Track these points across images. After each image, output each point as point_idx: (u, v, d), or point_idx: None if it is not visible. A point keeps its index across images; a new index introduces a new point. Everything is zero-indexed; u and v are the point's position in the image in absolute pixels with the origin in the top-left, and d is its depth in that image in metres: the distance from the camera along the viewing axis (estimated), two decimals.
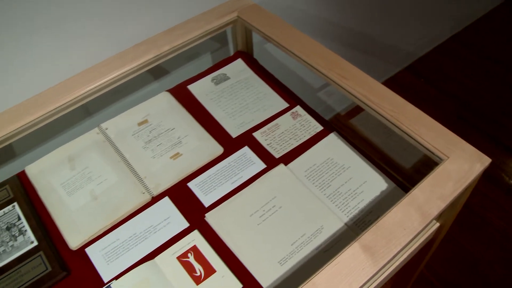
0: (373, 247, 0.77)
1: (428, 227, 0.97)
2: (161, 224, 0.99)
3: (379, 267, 0.75)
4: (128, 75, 1.14)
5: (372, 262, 0.75)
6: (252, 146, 1.11)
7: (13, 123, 1.03)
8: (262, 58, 1.34)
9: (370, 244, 0.77)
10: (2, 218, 1.03)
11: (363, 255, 0.76)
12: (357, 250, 0.77)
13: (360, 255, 0.76)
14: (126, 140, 1.13)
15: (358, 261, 0.75)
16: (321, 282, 0.74)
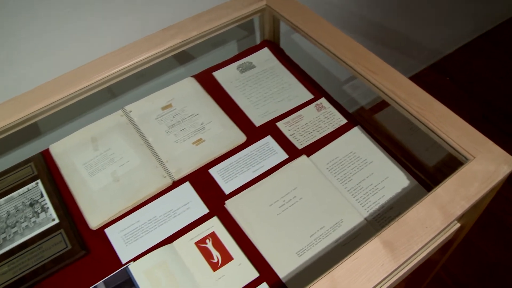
0: (393, 243, 0.76)
1: (449, 227, 0.96)
2: (180, 209, 0.99)
3: (399, 264, 0.74)
4: (154, 59, 1.14)
5: (392, 258, 0.75)
6: (275, 136, 1.11)
7: (40, 102, 1.04)
8: (289, 48, 1.33)
9: (391, 240, 0.76)
10: (26, 194, 1.04)
11: (383, 250, 0.75)
12: (377, 246, 0.76)
13: (380, 251, 0.75)
14: (150, 124, 1.13)
15: (378, 256, 0.75)
16: (339, 275, 0.73)
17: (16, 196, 1.04)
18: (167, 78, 1.36)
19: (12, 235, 0.98)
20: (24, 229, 0.99)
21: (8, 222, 1.00)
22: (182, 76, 1.26)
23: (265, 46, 1.32)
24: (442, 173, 1.96)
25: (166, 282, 0.89)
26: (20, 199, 1.03)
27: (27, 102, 1.04)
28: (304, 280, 0.89)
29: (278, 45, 1.34)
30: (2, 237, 0.98)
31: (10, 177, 1.07)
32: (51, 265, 0.94)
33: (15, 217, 1.01)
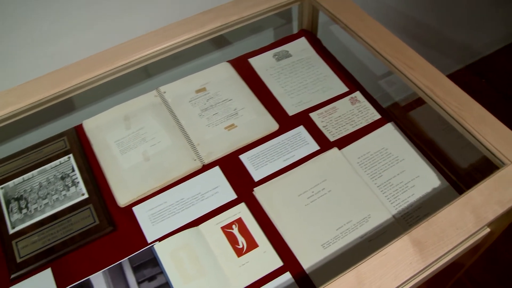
0: (423, 243, 0.75)
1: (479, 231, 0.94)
2: (209, 193, 1.00)
3: (427, 264, 0.73)
4: (192, 41, 1.14)
5: (420, 257, 0.74)
6: (308, 126, 1.10)
7: (77, 77, 1.05)
8: (326, 39, 1.31)
9: (420, 239, 0.75)
10: (58, 168, 1.05)
11: (412, 249, 0.74)
12: (406, 243, 0.75)
13: (409, 249, 0.74)
14: (183, 106, 1.14)
15: (406, 254, 0.74)
16: (366, 270, 0.72)
17: (49, 168, 1.06)
18: (202, 62, 1.36)
19: (43, 206, 1.00)
20: (55, 201, 1.01)
21: (39, 193, 1.02)
22: (217, 60, 1.26)
23: (302, 35, 1.30)
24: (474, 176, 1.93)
25: (190, 264, 0.90)
26: (52, 172, 1.05)
27: (64, 77, 1.05)
28: (327, 273, 0.89)
29: (315, 35, 1.33)
30: (33, 207, 1.00)
31: (43, 149, 1.09)
32: (79, 238, 0.95)
33: (46, 189, 1.02)
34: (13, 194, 1.03)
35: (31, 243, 0.95)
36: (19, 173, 1.06)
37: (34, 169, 1.06)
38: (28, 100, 1.02)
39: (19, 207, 1.01)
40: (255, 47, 1.29)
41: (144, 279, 0.90)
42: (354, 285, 0.71)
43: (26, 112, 1.04)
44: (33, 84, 1.04)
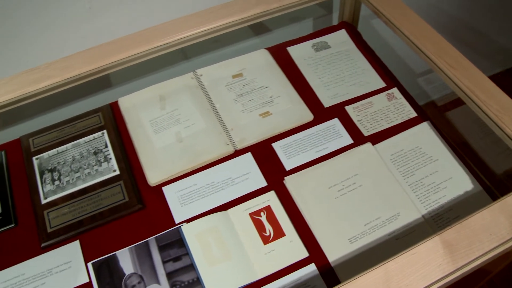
0: (454, 245, 0.74)
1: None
2: (239, 178, 1.00)
3: (457, 267, 0.72)
4: (232, 26, 1.13)
5: (450, 260, 0.72)
6: (342, 119, 1.09)
7: (116, 54, 1.06)
8: (366, 32, 1.29)
9: (452, 241, 0.74)
10: (91, 143, 1.07)
11: (443, 250, 0.73)
12: (437, 244, 0.74)
13: (439, 250, 0.73)
14: (219, 90, 1.14)
15: (436, 255, 0.73)
16: (394, 268, 0.72)
17: (83, 143, 1.07)
18: (240, 47, 1.35)
19: (75, 179, 1.02)
20: (86, 175, 1.02)
21: (72, 166, 1.03)
22: (255, 47, 1.25)
23: (342, 27, 1.29)
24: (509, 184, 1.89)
25: (216, 247, 0.90)
26: (85, 146, 1.06)
27: (104, 54, 1.06)
28: (353, 268, 0.89)
29: (355, 28, 1.31)
30: (65, 180, 1.01)
31: (78, 123, 1.10)
32: (107, 213, 0.96)
33: (79, 162, 1.04)
34: (47, 165, 1.04)
35: (62, 215, 0.97)
36: (54, 145, 1.07)
37: (68, 143, 1.07)
38: (67, 74, 1.03)
39: (52, 178, 1.02)
40: (293, 36, 1.28)
41: (169, 259, 0.91)
42: (382, 281, 0.70)
43: (64, 86, 1.05)
44: (73, 59, 1.05)
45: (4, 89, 1.01)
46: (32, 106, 1.08)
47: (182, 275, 0.89)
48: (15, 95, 1.01)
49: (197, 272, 0.88)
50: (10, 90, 1.01)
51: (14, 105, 1.04)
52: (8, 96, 1.01)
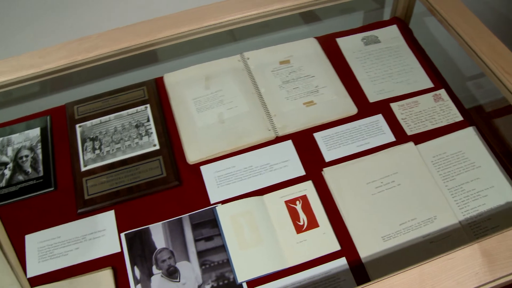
0: (493, 255, 0.72)
1: None
2: (278, 165, 1.00)
3: (494, 278, 0.70)
4: (283, 12, 1.12)
5: (488, 269, 0.71)
6: (386, 116, 1.07)
7: (164, 30, 1.06)
8: (418, 30, 1.27)
9: (491, 251, 0.73)
10: (134, 116, 1.08)
11: (481, 259, 0.72)
12: (475, 252, 0.72)
13: (477, 258, 0.72)
14: (265, 75, 1.13)
15: (473, 263, 0.71)
16: (429, 271, 0.71)
17: (125, 115, 1.08)
18: (289, 34, 1.34)
19: (115, 150, 1.03)
20: (127, 147, 1.03)
21: (113, 137, 1.05)
22: (304, 35, 1.24)
23: (394, 23, 1.27)
24: None
25: (249, 231, 0.91)
26: (128, 118, 1.08)
27: (153, 29, 1.06)
28: (383, 266, 0.88)
29: (407, 24, 1.29)
30: (106, 150, 1.03)
31: (122, 96, 1.12)
32: (144, 187, 0.98)
33: (120, 134, 1.05)
34: (89, 134, 1.06)
35: (100, 183, 0.99)
36: (97, 115, 1.09)
37: (111, 113, 1.09)
38: (117, 46, 1.04)
39: (93, 147, 1.04)
40: (342, 27, 1.26)
41: (201, 237, 0.91)
42: (416, 283, 0.69)
43: (113, 57, 1.06)
44: (124, 31, 1.06)
45: (55, 56, 1.03)
46: (79, 75, 1.10)
47: (212, 255, 0.89)
48: (65, 62, 1.03)
49: (228, 254, 0.89)
50: (60, 57, 1.03)
51: (63, 72, 1.05)
52: (58, 63, 1.03)
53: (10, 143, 1.07)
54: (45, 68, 1.03)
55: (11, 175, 1.03)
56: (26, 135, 1.08)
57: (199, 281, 0.87)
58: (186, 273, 0.88)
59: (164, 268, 0.89)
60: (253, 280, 0.87)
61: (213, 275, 0.88)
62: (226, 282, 0.87)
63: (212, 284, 0.87)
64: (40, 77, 1.05)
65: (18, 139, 1.08)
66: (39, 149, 1.06)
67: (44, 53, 1.03)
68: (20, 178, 1.02)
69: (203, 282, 0.87)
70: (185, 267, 0.89)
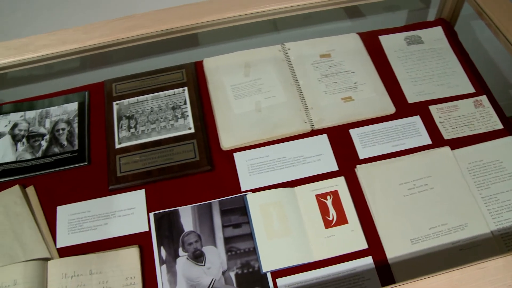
0: None
1: None
2: (311, 158, 0.99)
3: None
4: (326, 5, 1.11)
5: None
6: (424, 118, 1.06)
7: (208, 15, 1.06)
8: (463, 33, 1.24)
9: None
10: (171, 97, 1.08)
11: None
12: (509, 264, 0.71)
13: (510, 270, 0.70)
14: (304, 67, 1.13)
15: (506, 275, 0.70)
16: (459, 278, 0.70)
17: (162, 96, 1.09)
18: (331, 28, 1.33)
19: (150, 130, 1.04)
20: (162, 128, 1.04)
21: (149, 117, 1.05)
22: (346, 30, 1.23)
23: (439, 24, 1.24)
24: None
25: (278, 222, 0.90)
26: (165, 100, 1.08)
27: (197, 12, 1.07)
28: (410, 269, 0.87)
29: (452, 26, 1.26)
30: (141, 129, 1.04)
31: (161, 77, 1.12)
32: (176, 169, 0.98)
33: (156, 114, 1.06)
34: (126, 112, 1.07)
35: (132, 162, 1.00)
36: (135, 94, 1.10)
37: (149, 94, 1.10)
38: (160, 27, 1.05)
39: (128, 125, 1.05)
40: (385, 25, 1.24)
41: (229, 224, 0.92)
42: None
43: (154, 38, 1.07)
44: (168, 13, 1.06)
45: (99, 32, 1.04)
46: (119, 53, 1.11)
47: (239, 243, 0.90)
48: (108, 40, 1.04)
49: (255, 242, 0.89)
50: (104, 34, 1.04)
51: (105, 49, 1.07)
52: (101, 40, 1.04)
53: (48, 115, 1.09)
54: (88, 44, 1.04)
55: (47, 147, 1.04)
56: (64, 109, 1.10)
57: (224, 267, 0.88)
58: (211, 257, 0.89)
59: (190, 251, 0.90)
60: (278, 271, 0.87)
61: (238, 262, 0.88)
62: (251, 271, 0.87)
63: (237, 271, 0.87)
64: (82, 52, 1.06)
65: (56, 112, 1.09)
66: (75, 123, 1.07)
67: (88, 29, 1.05)
68: (56, 150, 1.04)
69: (227, 269, 0.88)
70: (211, 251, 0.89)
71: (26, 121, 1.08)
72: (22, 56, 1.03)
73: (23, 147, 1.05)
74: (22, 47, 1.03)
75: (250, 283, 0.86)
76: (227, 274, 0.87)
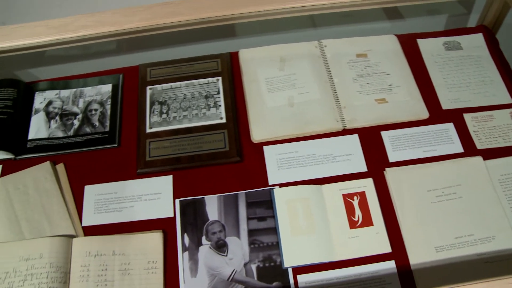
0: None
1: None
2: (341, 157, 0.99)
3: None
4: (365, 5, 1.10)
5: None
6: (458, 126, 1.04)
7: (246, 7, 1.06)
8: (505, 41, 1.22)
9: None
10: (204, 86, 1.09)
11: None
12: None
13: None
14: (340, 65, 1.12)
15: None
16: None
17: (196, 84, 1.09)
18: (369, 28, 1.32)
19: (182, 117, 1.04)
20: (193, 116, 1.04)
21: (182, 104, 1.06)
22: (383, 31, 1.21)
23: (480, 31, 1.22)
24: None
25: (303, 218, 0.90)
26: (198, 88, 1.09)
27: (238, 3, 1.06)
28: (432, 277, 0.86)
29: (494, 34, 1.24)
30: (173, 115, 1.04)
31: (196, 65, 1.13)
32: (205, 157, 0.99)
33: (189, 102, 1.06)
34: (159, 97, 1.08)
35: (162, 147, 1.00)
36: (169, 80, 1.10)
37: (182, 81, 1.10)
38: (198, 15, 1.05)
39: (160, 111, 1.05)
40: (423, 28, 1.22)
41: (254, 217, 0.92)
42: None
43: (192, 26, 1.07)
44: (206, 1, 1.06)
45: (138, 16, 1.04)
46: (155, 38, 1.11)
47: (263, 236, 0.90)
48: (146, 24, 1.04)
49: (278, 237, 0.89)
50: (143, 18, 1.04)
51: (142, 34, 1.07)
52: (140, 24, 1.04)
53: (82, 95, 1.10)
54: (126, 27, 1.04)
55: (79, 126, 1.06)
56: (98, 90, 1.11)
57: (246, 259, 0.88)
58: (234, 248, 0.89)
59: (214, 240, 0.90)
60: (299, 267, 0.87)
61: (261, 256, 0.88)
62: (272, 265, 0.87)
63: (258, 264, 0.87)
64: (120, 35, 1.07)
65: (90, 93, 1.11)
66: (108, 105, 1.09)
67: (127, 12, 1.05)
68: (87, 130, 1.05)
69: (249, 261, 0.88)
70: (234, 242, 0.90)
71: (61, 100, 1.10)
72: (62, 35, 1.04)
73: (56, 124, 1.06)
74: (62, 26, 1.04)
75: (270, 277, 0.87)
76: (249, 266, 0.87)
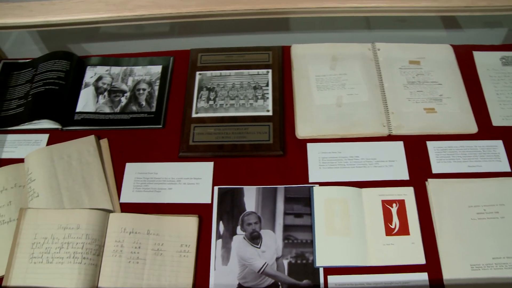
0: None
1: None
2: (384, 163, 0.98)
3: None
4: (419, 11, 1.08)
5: None
6: (507, 144, 1.02)
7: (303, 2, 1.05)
8: None
9: None
10: (254, 77, 1.09)
11: None
12: None
13: None
14: (392, 70, 1.11)
15: None
16: None
17: (246, 74, 1.10)
18: (424, 35, 1.29)
19: (228, 105, 1.05)
20: (240, 106, 1.05)
21: (230, 93, 1.07)
22: (438, 39, 1.19)
23: None
24: None
25: (340, 219, 0.90)
26: (247, 78, 1.09)
27: None
28: None
29: None
30: (219, 103, 1.05)
31: (247, 55, 1.13)
32: (248, 148, 0.99)
33: (237, 91, 1.07)
34: (207, 83, 1.08)
35: (206, 133, 1.01)
36: (219, 68, 1.11)
37: (232, 69, 1.11)
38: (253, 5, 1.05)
39: (208, 97, 1.06)
40: (480, 41, 1.20)
41: (291, 212, 0.92)
42: None
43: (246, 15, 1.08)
44: None
45: (195, 1, 1.05)
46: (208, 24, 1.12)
47: (298, 232, 0.90)
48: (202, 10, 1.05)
49: (313, 235, 0.89)
50: (199, 3, 1.05)
51: (197, 19, 1.08)
52: (196, 9, 1.05)
53: (132, 74, 1.12)
54: (182, 10, 1.06)
55: (126, 104, 1.08)
56: (148, 70, 1.13)
57: (279, 253, 0.88)
58: (268, 241, 0.89)
59: (248, 231, 0.91)
60: (331, 268, 0.87)
61: (293, 252, 0.88)
62: (304, 262, 0.87)
63: (290, 259, 0.88)
64: (175, 18, 1.08)
65: (140, 72, 1.12)
66: (156, 86, 1.10)
67: None
68: (134, 108, 1.07)
69: (282, 256, 0.88)
70: (268, 236, 0.90)
71: (111, 76, 1.12)
72: (119, 13, 1.06)
73: (103, 100, 1.08)
74: (121, 4, 1.06)
75: (301, 274, 0.87)
76: (280, 261, 0.88)
